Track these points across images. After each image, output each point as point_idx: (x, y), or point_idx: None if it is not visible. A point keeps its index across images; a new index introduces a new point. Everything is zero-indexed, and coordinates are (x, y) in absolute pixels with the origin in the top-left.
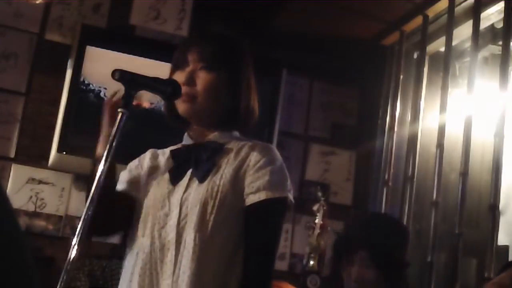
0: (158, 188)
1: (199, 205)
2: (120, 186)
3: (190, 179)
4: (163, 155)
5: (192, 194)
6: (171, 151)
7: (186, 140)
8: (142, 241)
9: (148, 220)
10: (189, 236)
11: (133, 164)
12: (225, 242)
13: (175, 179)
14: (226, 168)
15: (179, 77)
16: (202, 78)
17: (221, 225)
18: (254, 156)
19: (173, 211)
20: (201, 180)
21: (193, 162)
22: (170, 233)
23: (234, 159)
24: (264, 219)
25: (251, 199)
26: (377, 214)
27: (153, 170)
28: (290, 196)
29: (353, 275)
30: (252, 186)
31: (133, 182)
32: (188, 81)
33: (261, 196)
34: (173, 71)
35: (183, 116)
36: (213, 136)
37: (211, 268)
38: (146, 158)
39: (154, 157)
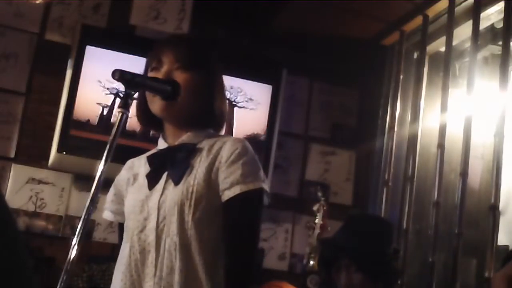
0: (137, 194)
1: (176, 207)
2: (111, 216)
3: (166, 182)
4: (139, 162)
5: (169, 196)
6: (147, 157)
7: (161, 144)
8: (126, 247)
9: (129, 226)
10: (170, 238)
11: (114, 188)
12: (207, 240)
13: (151, 184)
14: (199, 168)
15: (155, 76)
16: (180, 77)
17: (200, 224)
18: (225, 152)
19: (151, 214)
20: (176, 183)
21: (168, 165)
22: (150, 236)
23: (206, 157)
24: (241, 212)
25: (226, 195)
26: (355, 216)
27: (131, 179)
28: (265, 186)
29: (341, 281)
30: (226, 182)
31: (120, 211)
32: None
33: (236, 190)
34: (147, 71)
35: (159, 116)
36: (186, 136)
37: (196, 266)
38: (122, 173)
39: (130, 167)
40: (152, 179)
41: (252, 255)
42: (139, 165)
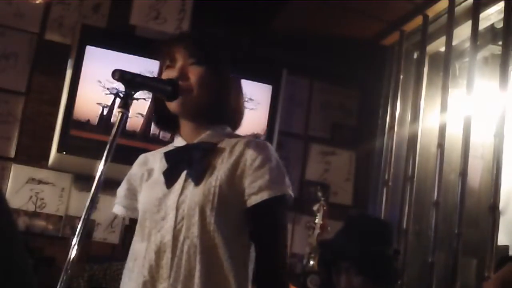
0: (153, 191)
1: (198, 208)
2: (122, 211)
3: (185, 181)
4: (154, 157)
5: (189, 196)
6: (165, 153)
7: (178, 141)
8: (140, 246)
9: (145, 225)
10: (189, 240)
11: (127, 182)
12: (231, 242)
13: (169, 182)
14: (221, 169)
15: (170, 74)
16: (195, 72)
17: (221, 226)
18: (249, 155)
19: (169, 214)
20: (197, 183)
21: (186, 164)
22: (166, 236)
23: (228, 158)
24: (269, 218)
25: (253, 200)
26: (355, 218)
27: (146, 175)
28: (290, 192)
29: (342, 284)
30: (253, 186)
31: (133, 207)
32: (181, 76)
33: (264, 196)
34: (161, 70)
35: (177, 112)
36: (205, 135)
37: (222, 270)
38: (135, 168)
39: (144, 162)
40: (170, 177)
41: (284, 258)
42: (153, 161)
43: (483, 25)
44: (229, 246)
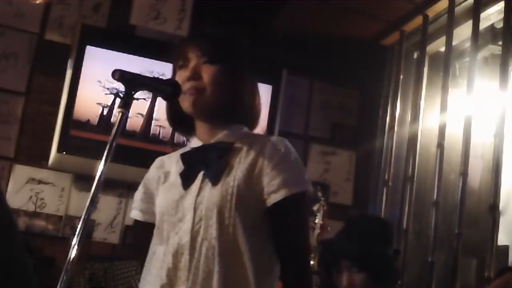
0: (170, 193)
1: (216, 209)
2: (139, 216)
3: (202, 182)
4: (170, 160)
5: (206, 197)
6: (181, 155)
7: (194, 142)
8: (158, 249)
9: (163, 228)
10: (207, 241)
11: (143, 186)
12: (246, 243)
13: (186, 183)
14: (239, 168)
15: (183, 74)
16: (207, 71)
17: (240, 226)
18: (267, 154)
19: (187, 215)
20: (214, 183)
21: (203, 164)
22: (184, 238)
23: (246, 157)
24: (290, 215)
25: (273, 198)
26: (355, 218)
27: (162, 178)
28: (311, 188)
29: (343, 283)
30: (272, 184)
31: (150, 211)
32: (194, 75)
33: (283, 193)
34: (175, 71)
35: (190, 112)
36: (221, 135)
37: (242, 270)
38: (152, 171)
39: (161, 165)
40: (187, 178)
41: (307, 257)
42: (170, 163)
43: (483, 25)
44: (248, 246)
